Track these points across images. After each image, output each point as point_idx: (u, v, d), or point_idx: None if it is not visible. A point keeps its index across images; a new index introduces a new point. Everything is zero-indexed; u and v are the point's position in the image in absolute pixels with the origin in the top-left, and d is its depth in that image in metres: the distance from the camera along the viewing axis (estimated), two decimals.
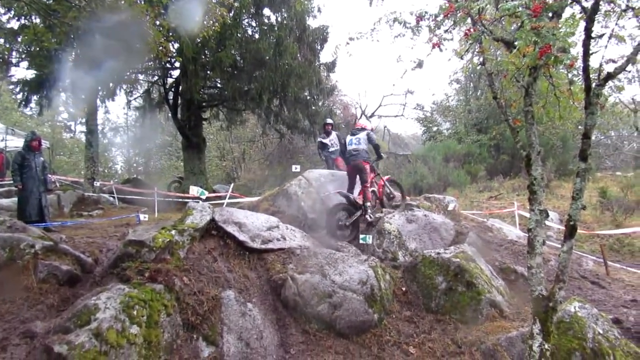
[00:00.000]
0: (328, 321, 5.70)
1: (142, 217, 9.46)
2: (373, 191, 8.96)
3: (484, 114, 23.75)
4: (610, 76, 4.27)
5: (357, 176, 8.86)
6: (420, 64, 5.27)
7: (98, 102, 15.72)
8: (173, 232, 6.13)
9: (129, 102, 20.51)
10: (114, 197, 14.08)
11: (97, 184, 14.92)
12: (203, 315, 5.20)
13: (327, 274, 6.08)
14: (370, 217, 8.40)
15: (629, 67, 4.36)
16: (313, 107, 17.55)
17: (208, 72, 15.99)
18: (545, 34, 3.82)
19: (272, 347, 5.33)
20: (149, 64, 15.52)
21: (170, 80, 17.26)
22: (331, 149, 12.21)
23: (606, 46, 4.33)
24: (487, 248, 8.26)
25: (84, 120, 17.56)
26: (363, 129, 9.13)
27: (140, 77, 17.75)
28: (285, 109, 17.27)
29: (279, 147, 24.78)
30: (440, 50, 4.75)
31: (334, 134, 12.48)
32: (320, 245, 7.42)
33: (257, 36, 16.01)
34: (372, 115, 33.15)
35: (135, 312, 4.55)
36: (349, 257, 6.69)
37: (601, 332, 5.01)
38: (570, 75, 4.63)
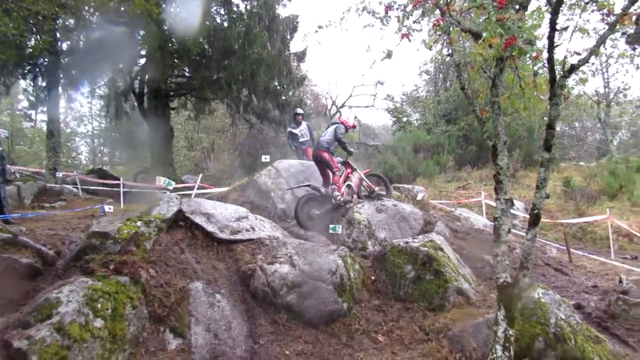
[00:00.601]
0: (297, 311, 5.71)
1: (107, 208, 9.27)
2: (349, 185, 8.99)
3: (452, 105, 23.98)
4: (574, 68, 4.38)
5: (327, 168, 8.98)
6: (389, 55, 5.30)
7: (60, 89, 15.25)
8: (139, 223, 6.04)
9: (93, 90, 20.01)
10: (77, 188, 13.72)
11: (59, 174, 14.51)
12: (170, 307, 5.15)
13: (297, 264, 6.08)
14: (339, 200, 8.49)
15: (592, 60, 4.49)
16: (283, 97, 17.47)
17: (175, 60, 15.70)
18: (510, 25, 3.90)
19: (240, 337, 5.32)
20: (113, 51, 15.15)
21: (136, 69, 16.88)
22: (301, 139, 12.22)
23: (570, 39, 4.43)
24: (454, 237, 8.36)
25: (45, 108, 17.05)
26: (335, 123, 9.28)
27: (105, 64, 17.29)
28: (255, 99, 17.13)
29: (248, 137, 24.47)
30: (409, 40, 4.79)
31: (304, 124, 12.47)
32: (290, 235, 7.42)
33: (225, 24, 15.78)
34: (343, 105, 33.20)
35: (99, 305, 4.48)
36: (318, 247, 6.70)
37: (563, 317, 5.15)
38: (535, 67, 4.71)
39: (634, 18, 4.36)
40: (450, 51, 5.15)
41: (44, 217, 8.95)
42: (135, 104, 17.67)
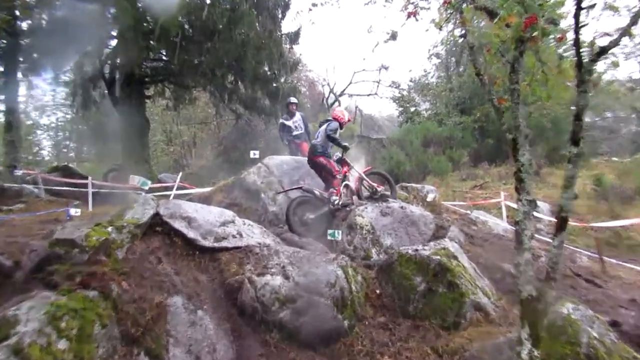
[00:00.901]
0: (291, 329, 5.68)
1: (73, 211, 9.21)
2: (346, 185, 9.06)
3: (466, 93, 23.99)
4: (603, 51, 4.35)
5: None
6: (394, 36, 5.28)
7: (19, 75, 15.18)
8: (110, 229, 6.01)
9: (57, 76, 19.93)
10: (39, 189, 13.65)
11: (18, 172, 14.44)
12: (145, 325, 5.10)
13: (290, 275, 6.07)
14: (336, 204, 8.61)
15: (625, 41, 4.45)
16: (274, 84, 17.44)
17: (151, 42, 15.63)
18: (530, 2, 3.85)
19: None
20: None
21: (106, 52, 16.80)
22: (295, 133, 12.27)
23: (599, 17, 4.41)
24: (470, 243, 8.36)
25: (1, 97, 16.97)
26: (328, 120, 9.46)
27: (71, 46, 17.18)
28: (242, 86, 17.12)
29: (235, 130, 24.40)
30: (417, 20, 4.77)
31: (298, 115, 12.48)
32: (283, 242, 7.42)
33: (208, 1, 15.72)
34: (342, 93, 33.17)
35: (63, 324, 4.42)
36: (315, 255, 6.68)
37: (597, 336, 5.10)
38: (560, 50, 4.69)
39: None
40: (463, 32, 5.12)
41: (0, 222, 8.89)
42: (106, 91, 17.60)
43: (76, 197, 13.01)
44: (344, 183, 9.03)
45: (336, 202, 8.66)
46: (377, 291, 6.59)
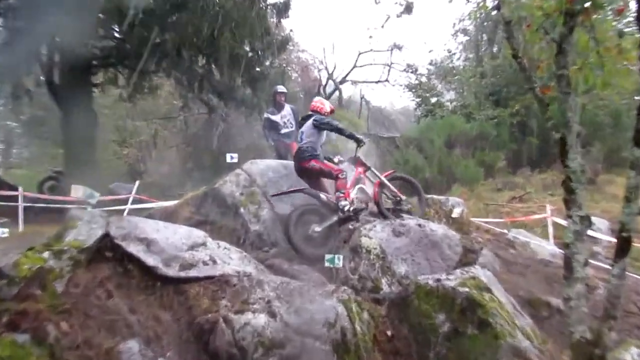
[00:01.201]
0: None
1: None
2: (361, 189, 9.18)
3: (502, 79, 23.73)
4: None
5: (319, 180, 9.31)
6: (409, 7, 5.39)
7: None
8: (46, 254, 5.95)
9: None
10: None
11: None
12: None
13: (278, 313, 6.00)
14: (347, 210, 8.66)
15: None
16: (257, 69, 17.36)
17: (101, 15, 15.56)
18: None
19: None
20: None
21: (44, 28, 16.71)
22: (284, 130, 12.34)
23: None
24: (508, 271, 8.33)
25: None
26: (310, 115, 9.57)
27: None
28: (216, 71, 17.00)
29: (207, 127, 24.36)
30: None
31: (288, 108, 12.49)
32: (268, 270, 7.38)
33: None
34: (344, 80, 33.09)
35: None
36: (309, 287, 6.63)
37: None
38: (619, 25, 4.67)
39: None
40: (496, 2, 5.11)
41: None
42: (42, 78, 17.50)
43: (3, 213, 12.93)
44: (357, 186, 9.10)
45: (346, 207, 8.67)
46: (389, 332, 6.52)
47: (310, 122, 9.32)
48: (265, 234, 8.93)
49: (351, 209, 8.72)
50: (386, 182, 9.35)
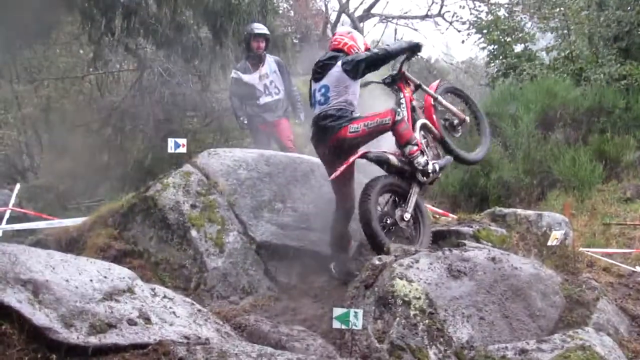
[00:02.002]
0: None
1: None
2: (424, 126, 7.34)
3: (634, 16, 18.00)
4: None
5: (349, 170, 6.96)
6: None
7: None
8: None
9: None
10: None
11: None
12: None
13: None
14: (429, 169, 6.97)
15: None
16: None
17: None
18: None
19: None
20: None
21: None
22: (264, 99, 9.71)
23: None
24: (639, 336, 6.64)
25: None
26: (331, 58, 7.11)
27: None
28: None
29: (135, 93, 17.79)
30: None
31: (271, 63, 9.93)
32: (239, 334, 5.74)
33: None
34: (367, 15, 26.00)
35: None
36: None
37: None
38: None
39: None
40: None
41: None
42: None
43: None
44: (420, 122, 7.27)
45: (427, 165, 6.93)
46: None
47: (336, 68, 6.92)
48: (232, 273, 6.99)
49: (434, 166, 6.95)
50: (440, 99, 7.57)
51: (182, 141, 8.26)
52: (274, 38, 10.81)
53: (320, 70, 7.02)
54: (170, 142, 8.22)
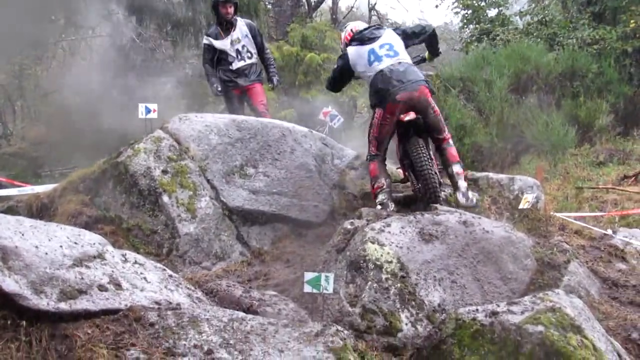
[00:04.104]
0: None
1: None
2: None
3: None
4: None
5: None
6: None
7: None
8: None
9: None
10: None
11: None
12: None
13: None
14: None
15: None
16: None
17: None
18: None
19: None
20: None
21: None
22: (237, 64, 9.66)
23: None
24: (612, 299, 6.75)
25: None
26: (380, 27, 7.94)
27: None
28: None
29: (106, 58, 17.89)
30: None
31: (242, 27, 9.83)
32: (210, 299, 5.73)
33: None
34: None
35: None
36: (278, 327, 4.97)
37: None
38: None
39: None
40: None
41: None
42: None
43: None
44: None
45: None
46: None
47: (395, 33, 7.56)
48: (204, 239, 6.98)
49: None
50: None
51: (153, 106, 8.17)
52: (247, 3, 10.56)
53: (370, 38, 7.51)
54: (141, 107, 8.11)
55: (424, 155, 7.11)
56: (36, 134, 18.15)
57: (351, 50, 7.49)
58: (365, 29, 7.72)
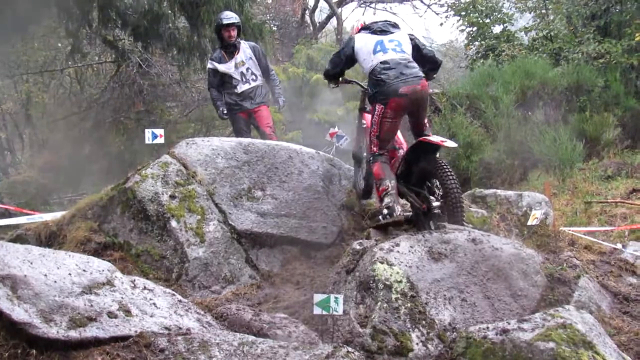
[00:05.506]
0: None
1: None
2: None
3: None
4: None
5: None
6: None
7: None
8: None
9: None
10: None
11: None
12: None
13: None
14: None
15: None
16: None
17: None
18: None
19: None
20: None
21: None
22: (242, 87, 9.59)
23: None
24: (624, 313, 6.65)
25: None
26: (396, 25, 7.73)
27: None
28: None
29: (114, 85, 17.71)
30: None
31: (246, 50, 9.82)
32: (220, 324, 5.68)
33: None
34: (346, 0, 25.74)
35: None
36: (289, 350, 4.89)
37: None
38: None
39: None
40: None
41: None
42: None
43: None
44: None
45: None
46: None
47: (407, 36, 7.60)
48: (214, 263, 6.94)
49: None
50: None
51: (160, 132, 8.20)
52: (251, 26, 10.55)
53: (384, 28, 7.50)
54: (148, 132, 8.13)
55: (451, 174, 7.00)
56: (45, 162, 17.86)
57: (359, 37, 7.45)
58: (380, 21, 7.70)
